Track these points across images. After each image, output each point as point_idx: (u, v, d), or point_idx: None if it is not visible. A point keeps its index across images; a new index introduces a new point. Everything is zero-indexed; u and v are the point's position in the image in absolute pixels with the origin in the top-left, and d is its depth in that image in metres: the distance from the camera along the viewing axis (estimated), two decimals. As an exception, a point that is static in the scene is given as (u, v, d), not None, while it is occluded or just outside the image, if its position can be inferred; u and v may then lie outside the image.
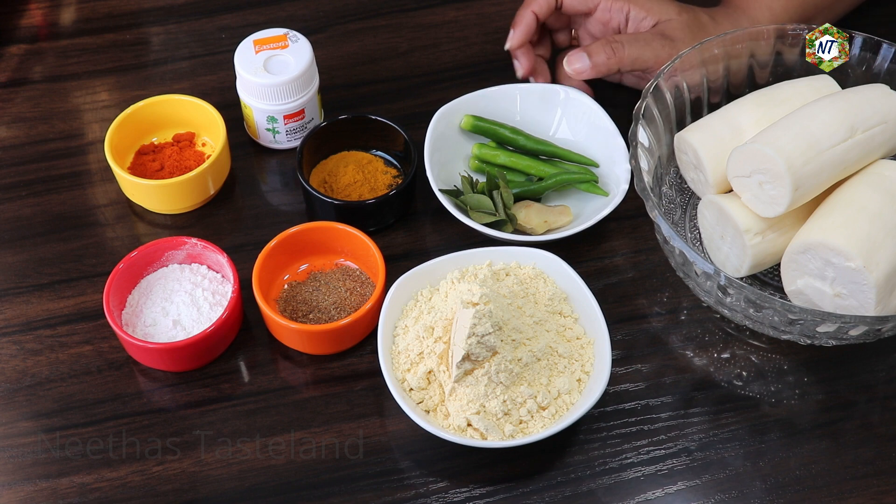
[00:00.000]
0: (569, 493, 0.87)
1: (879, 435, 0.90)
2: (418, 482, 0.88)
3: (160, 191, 1.00)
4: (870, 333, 0.86)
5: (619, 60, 1.01)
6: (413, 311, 0.92)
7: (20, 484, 0.88)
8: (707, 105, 1.02)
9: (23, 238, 1.02)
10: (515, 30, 1.06)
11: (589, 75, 1.02)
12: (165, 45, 1.18)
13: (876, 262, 0.85)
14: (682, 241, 0.87)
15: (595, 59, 1.01)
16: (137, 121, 1.04)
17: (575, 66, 1.02)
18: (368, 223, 1.00)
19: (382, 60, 1.16)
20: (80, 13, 1.21)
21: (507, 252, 0.95)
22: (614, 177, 1.01)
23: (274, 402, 0.92)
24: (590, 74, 1.02)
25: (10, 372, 0.94)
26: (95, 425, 0.91)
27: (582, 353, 0.90)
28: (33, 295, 0.98)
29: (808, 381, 0.93)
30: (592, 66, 1.02)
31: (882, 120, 0.90)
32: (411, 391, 0.88)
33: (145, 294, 0.95)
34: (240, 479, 0.88)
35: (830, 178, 0.89)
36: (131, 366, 0.94)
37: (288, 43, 1.03)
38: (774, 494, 0.87)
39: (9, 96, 1.13)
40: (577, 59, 1.02)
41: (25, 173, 1.07)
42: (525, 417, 0.86)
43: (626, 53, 1.01)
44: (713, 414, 0.91)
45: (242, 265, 0.96)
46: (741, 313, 0.89)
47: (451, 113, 1.04)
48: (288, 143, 1.07)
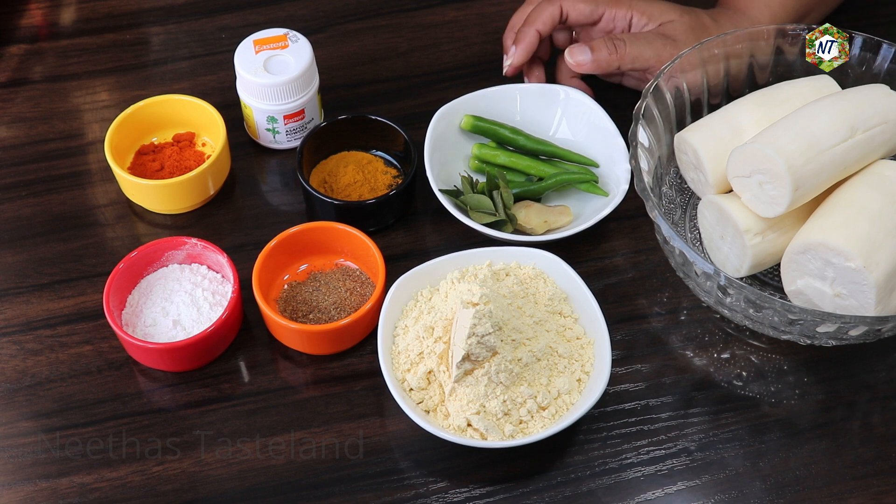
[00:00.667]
0: (569, 493, 0.87)
1: (879, 435, 0.91)
2: (418, 482, 0.88)
3: (160, 191, 1.00)
4: (870, 333, 0.86)
5: (620, 57, 1.01)
6: (413, 311, 0.92)
7: (20, 484, 0.88)
8: (707, 105, 1.02)
9: (23, 238, 1.02)
10: (517, 47, 1.05)
11: (589, 69, 1.02)
12: (165, 45, 1.18)
13: (876, 262, 0.85)
14: (682, 241, 0.87)
15: (597, 54, 1.01)
16: (137, 121, 1.04)
17: (577, 58, 1.02)
18: (368, 223, 1.00)
19: (382, 60, 1.16)
20: (80, 13, 1.21)
21: (507, 252, 0.95)
22: (614, 177, 1.01)
23: (274, 402, 0.92)
24: (590, 68, 1.02)
25: (10, 372, 0.94)
26: (95, 425, 0.91)
27: (582, 353, 0.90)
28: (33, 295, 0.98)
29: (808, 381, 0.93)
30: (594, 59, 1.01)
31: (882, 120, 0.90)
32: (411, 391, 0.88)
33: (145, 294, 0.95)
34: (240, 479, 0.88)
35: (830, 178, 0.89)
36: (131, 366, 0.94)
37: (288, 43, 1.03)
38: (774, 494, 0.87)
39: (9, 96, 1.13)
40: (580, 52, 1.02)
41: (25, 173, 1.07)
42: (525, 417, 0.86)
43: (628, 51, 1.01)
44: (713, 414, 0.91)
45: (242, 265, 0.96)
46: (741, 313, 0.89)
47: (451, 113, 1.04)
48: (288, 143, 1.07)
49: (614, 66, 1.02)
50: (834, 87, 0.96)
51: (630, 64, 1.02)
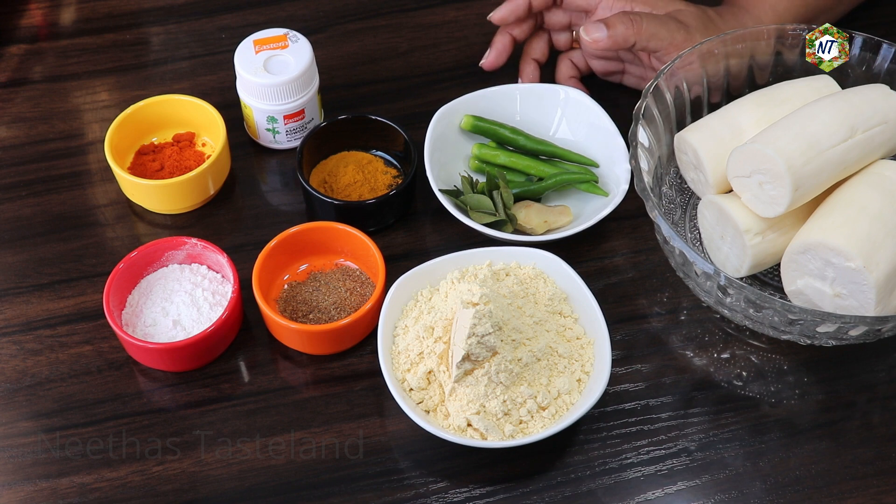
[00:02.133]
0: (569, 493, 0.87)
1: (879, 435, 0.90)
2: (418, 482, 0.88)
3: (160, 191, 1.00)
4: (870, 333, 0.86)
5: (637, 32, 0.98)
6: (413, 311, 0.92)
7: (20, 484, 0.88)
8: (707, 105, 1.02)
9: (23, 238, 1.02)
10: (501, 7, 1.04)
11: (605, 45, 0.99)
12: (165, 45, 1.18)
13: (876, 262, 0.85)
14: (682, 241, 0.87)
15: (613, 31, 0.99)
16: (137, 121, 1.04)
17: (593, 34, 0.99)
18: (368, 223, 1.00)
19: (382, 60, 1.16)
20: (80, 13, 1.21)
21: (507, 252, 0.95)
22: (614, 177, 1.01)
23: (274, 402, 0.92)
24: (606, 44, 0.99)
25: (10, 372, 0.94)
26: (95, 425, 0.91)
27: (582, 353, 0.90)
28: (33, 295, 0.98)
29: (808, 381, 0.93)
30: (610, 36, 0.99)
31: (882, 120, 0.90)
32: (411, 391, 0.88)
33: (145, 294, 0.95)
34: (240, 479, 0.88)
35: (830, 178, 0.89)
36: (131, 366, 0.94)
37: (288, 43, 1.03)
38: (774, 494, 0.87)
39: (9, 96, 1.13)
40: (596, 29, 0.99)
41: (25, 173, 1.07)
42: (525, 417, 0.86)
43: (644, 28, 0.98)
44: (713, 414, 0.91)
45: (242, 265, 0.96)
46: (741, 313, 0.89)
47: (451, 113, 1.04)
48: (288, 143, 1.07)
49: (630, 42, 0.99)
50: (834, 87, 0.96)
51: (645, 41, 0.99)
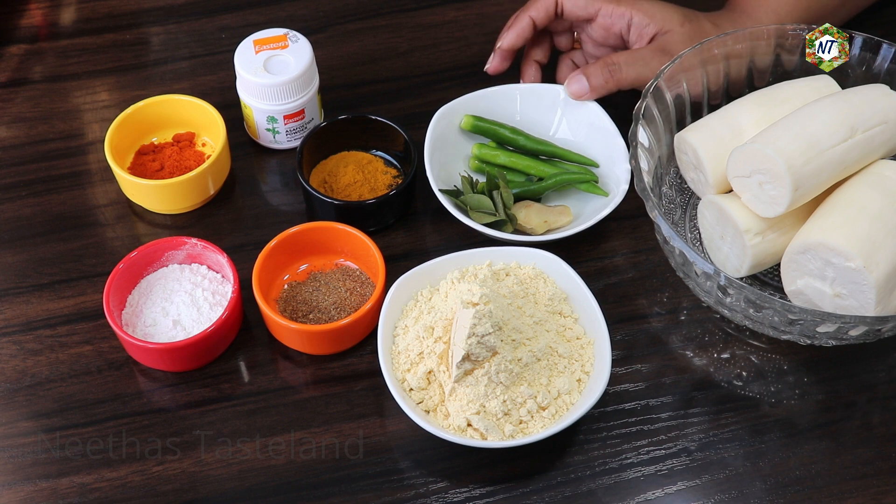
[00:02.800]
0: (569, 493, 0.87)
1: (879, 435, 0.91)
2: (418, 482, 0.88)
3: (160, 191, 1.00)
4: (870, 333, 0.86)
5: (617, 83, 1.02)
6: (413, 311, 0.92)
7: (20, 484, 0.88)
8: (707, 105, 1.02)
9: (23, 238, 1.02)
10: (509, 32, 1.06)
11: (589, 98, 1.04)
12: (165, 45, 1.18)
13: (876, 262, 0.85)
14: (682, 241, 0.88)
15: (593, 82, 1.03)
16: (137, 121, 1.04)
17: (572, 88, 1.04)
18: (368, 223, 1.00)
19: (382, 60, 1.16)
20: (80, 13, 1.21)
21: (507, 252, 0.95)
22: (614, 177, 1.01)
23: (274, 402, 0.92)
24: (589, 97, 1.04)
25: (10, 372, 0.94)
26: (95, 425, 0.91)
27: (582, 353, 0.90)
28: (33, 295, 0.98)
29: (808, 381, 0.93)
30: (591, 88, 1.03)
31: (882, 120, 0.90)
32: (411, 391, 0.88)
33: (145, 294, 0.95)
34: (240, 479, 0.88)
35: (830, 178, 0.89)
36: (131, 366, 0.94)
37: (288, 43, 1.03)
38: (774, 494, 0.87)
39: (9, 96, 1.13)
40: (576, 82, 1.03)
41: (25, 173, 1.07)
42: (525, 417, 0.86)
43: (625, 75, 1.02)
44: (713, 414, 0.91)
45: (242, 265, 0.96)
46: (741, 313, 0.89)
47: (451, 113, 1.04)
48: (288, 143, 1.07)
49: (613, 91, 1.03)
50: (834, 87, 0.96)
51: (630, 86, 1.03)
